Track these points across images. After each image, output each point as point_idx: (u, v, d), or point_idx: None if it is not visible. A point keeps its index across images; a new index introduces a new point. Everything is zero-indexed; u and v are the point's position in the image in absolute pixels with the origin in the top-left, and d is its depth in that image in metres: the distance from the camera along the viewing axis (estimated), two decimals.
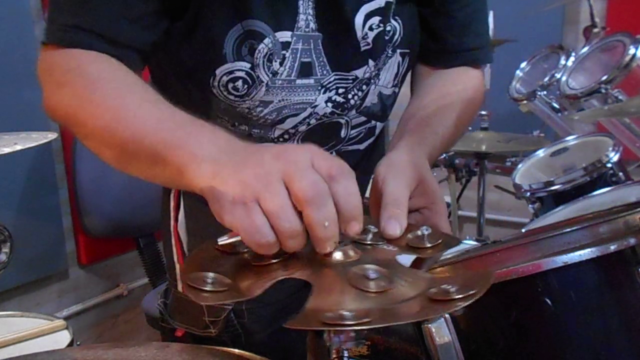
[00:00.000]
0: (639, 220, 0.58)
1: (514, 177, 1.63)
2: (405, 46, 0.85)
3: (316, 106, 0.81)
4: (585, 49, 1.64)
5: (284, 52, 0.76)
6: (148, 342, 0.60)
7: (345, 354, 0.51)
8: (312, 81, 0.79)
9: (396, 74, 0.86)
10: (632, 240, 0.57)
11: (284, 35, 0.76)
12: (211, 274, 0.50)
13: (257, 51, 0.74)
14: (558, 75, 1.68)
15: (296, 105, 0.80)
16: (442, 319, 0.50)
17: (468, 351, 0.53)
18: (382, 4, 0.79)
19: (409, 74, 0.91)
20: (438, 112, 0.83)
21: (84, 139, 0.70)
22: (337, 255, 0.52)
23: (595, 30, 1.71)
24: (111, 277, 2.05)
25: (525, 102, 1.83)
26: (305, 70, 0.78)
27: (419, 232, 0.61)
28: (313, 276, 0.50)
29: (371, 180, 0.72)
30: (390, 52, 0.83)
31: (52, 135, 1.16)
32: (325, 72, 0.80)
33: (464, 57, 0.89)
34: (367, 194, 0.72)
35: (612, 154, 1.41)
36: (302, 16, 0.76)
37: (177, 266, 0.96)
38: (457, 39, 0.87)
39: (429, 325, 0.49)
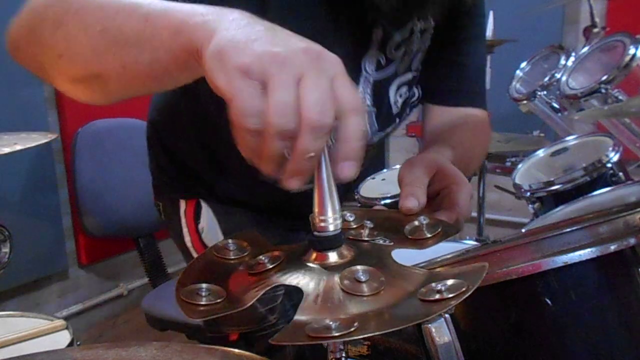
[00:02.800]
0: (639, 220, 0.58)
1: (514, 177, 1.63)
2: (418, 97, 1.03)
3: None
4: (585, 49, 1.64)
5: None
6: (148, 342, 0.60)
7: (344, 354, 0.51)
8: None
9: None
10: (632, 240, 0.57)
11: None
12: (205, 285, 0.50)
13: None
14: (558, 75, 1.68)
15: None
16: (442, 319, 0.50)
17: (468, 351, 0.53)
18: (410, 77, 0.97)
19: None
20: (450, 132, 0.95)
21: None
22: (332, 257, 0.51)
23: (595, 30, 1.71)
24: (111, 277, 2.05)
25: (525, 102, 1.83)
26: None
27: (417, 223, 0.61)
28: (304, 282, 0.49)
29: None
30: (408, 110, 1.02)
31: (52, 135, 1.16)
32: (370, 135, 0.97)
33: (473, 98, 1.04)
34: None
35: (612, 154, 1.41)
36: (359, 95, 0.89)
37: None
38: (468, 84, 1.04)
39: (429, 325, 0.49)
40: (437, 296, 0.44)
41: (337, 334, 0.41)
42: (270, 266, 0.53)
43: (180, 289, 0.50)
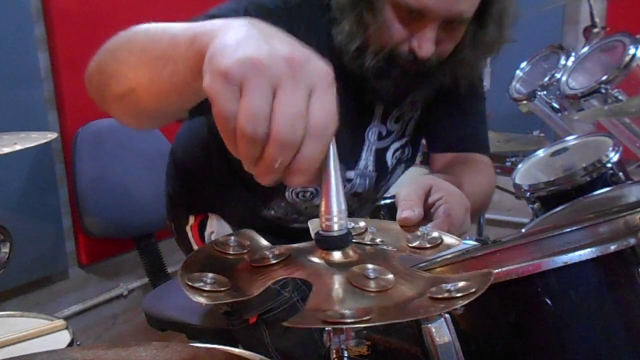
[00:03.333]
0: (639, 220, 0.58)
1: (514, 177, 1.63)
2: (411, 159, 1.19)
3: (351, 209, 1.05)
4: (585, 49, 1.64)
5: (345, 184, 1.06)
6: (148, 342, 0.60)
7: (345, 354, 0.51)
8: (356, 198, 1.12)
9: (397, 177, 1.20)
10: (632, 240, 0.57)
11: (350, 174, 1.08)
12: (210, 274, 0.50)
13: None
14: (558, 75, 1.68)
15: None
16: (442, 319, 0.50)
17: (468, 351, 0.53)
18: (404, 142, 1.13)
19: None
20: (459, 171, 1.03)
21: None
22: (337, 256, 0.51)
23: (595, 30, 1.71)
24: (111, 277, 2.04)
25: (525, 102, 1.83)
26: (355, 195, 1.10)
27: (418, 233, 0.61)
28: (313, 276, 0.50)
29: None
30: (401, 167, 1.17)
31: (52, 135, 1.15)
32: (368, 194, 1.13)
33: (477, 145, 1.15)
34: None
35: (612, 154, 1.41)
36: (363, 161, 1.07)
37: None
38: (472, 132, 1.15)
39: (429, 325, 0.49)
40: (446, 295, 0.44)
41: (351, 321, 0.41)
42: (275, 261, 0.53)
43: (185, 275, 0.50)
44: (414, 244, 0.61)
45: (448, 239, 0.62)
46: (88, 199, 1.77)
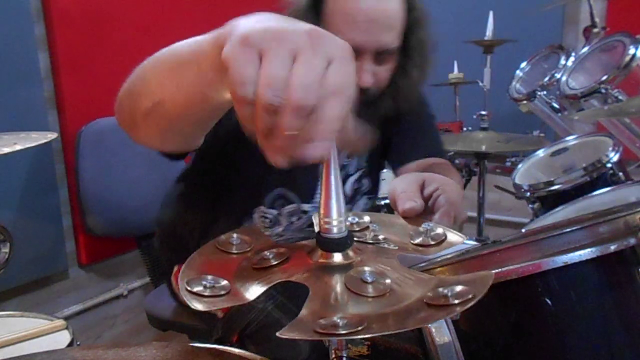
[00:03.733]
0: (639, 220, 0.58)
1: (514, 177, 1.63)
2: (372, 191, 1.31)
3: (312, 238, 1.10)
4: (585, 49, 1.63)
5: (301, 215, 1.16)
6: (148, 342, 0.60)
7: (344, 354, 0.51)
8: (314, 228, 1.07)
9: (363, 209, 1.30)
10: (632, 240, 0.57)
11: (306, 206, 1.18)
12: (210, 277, 0.50)
13: (284, 208, 1.17)
14: (558, 75, 1.67)
15: (301, 238, 1.14)
16: (442, 319, 0.49)
17: (468, 351, 0.53)
18: (359, 174, 1.26)
19: None
20: (430, 169, 1.09)
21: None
22: (337, 257, 0.51)
23: (595, 30, 1.70)
24: (111, 277, 2.04)
25: (525, 102, 1.83)
26: (312, 224, 1.09)
27: (421, 229, 0.61)
28: (311, 280, 0.49)
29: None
30: (359, 196, 1.28)
31: (52, 135, 1.15)
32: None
33: (438, 152, 1.29)
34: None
35: (612, 154, 1.41)
36: (318, 195, 1.15)
37: None
38: (431, 142, 1.32)
39: (429, 325, 0.49)
40: (443, 301, 0.44)
41: (344, 332, 0.41)
42: (275, 262, 0.53)
43: (184, 279, 0.49)
44: (417, 241, 0.60)
45: (452, 235, 0.62)
46: (90, 198, 1.77)
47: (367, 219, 0.63)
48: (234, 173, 1.19)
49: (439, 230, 0.61)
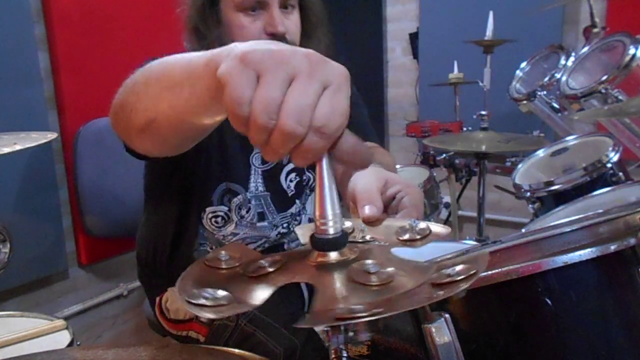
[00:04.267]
0: (639, 220, 0.58)
1: (514, 177, 1.63)
2: None
3: (269, 237, 1.24)
4: (585, 49, 1.63)
5: (248, 204, 1.20)
6: (148, 342, 0.60)
7: (344, 354, 0.51)
8: (266, 223, 1.23)
9: None
10: (632, 240, 0.57)
11: (248, 194, 1.20)
12: (210, 290, 0.50)
13: (232, 202, 1.19)
14: (558, 75, 1.67)
15: (255, 237, 1.24)
16: (442, 319, 0.50)
17: (468, 351, 0.53)
18: (294, 167, 1.25)
19: None
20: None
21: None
22: (334, 255, 0.51)
23: (595, 30, 1.70)
24: (111, 277, 2.04)
25: (525, 102, 1.83)
26: (261, 216, 1.22)
27: (407, 226, 0.61)
28: (314, 278, 0.50)
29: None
30: (309, 190, 1.29)
31: (52, 135, 1.15)
32: (273, 215, 1.24)
33: (371, 137, 1.31)
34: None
35: (612, 154, 1.41)
36: (252, 184, 1.21)
37: None
38: (363, 129, 1.32)
39: (429, 325, 0.49)
40: (448, 279, 0.44)
41: (365, 314, 0.41)
42: (272, 269, 0.53)
43: (184, 294, 0.49)
44: (405, 237, 0.61)
45: (436, 228, 0.62)
46: (89, 198, 1.77)
47: (349, 224, 0.64)
48: (178, 176, 1.20)
49: (423, 225, 0.62)
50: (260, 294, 0.49)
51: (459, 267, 0.45)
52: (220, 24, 1.13)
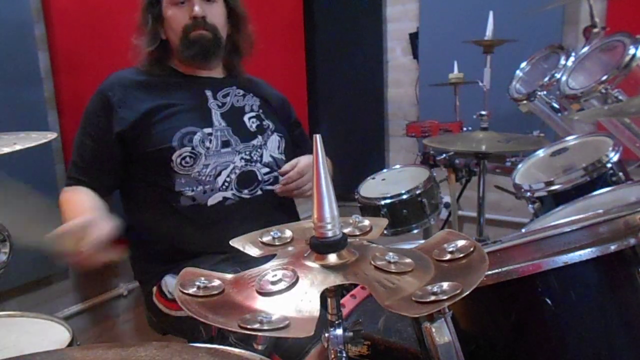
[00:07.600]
0: (639, 220, 0.58)
1: (514, 177, 1.63)
2: (280, 132, 1.64)
3: (235, 163, 1.50)
4: (585, 49, 1.63)
5: (210, 137, 1.48)
6: (148, 342, 0.60)
7: (344, 354, 0.51)
8: (230, 149, 1.51)
9: (278, 146, 1.62)
10: (632, 240, 0.57)
11: (208, 130, 1.49)
12: (262, 313, 0.50)
13: (193, 140, 1.45)
14: (558, 75, 1.67)
15: (224, 163, 1.48)
16: (442, 319, 0.50)
17: (468, 351, 0.53)
18: (254, 114, 1.61)
19: None
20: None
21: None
22: (332, 258, 0.52)
23: (595, 30, 1.70)
24: (111, 277, 2.04)
25: (525, 102, 1.83)
26: (225, 144, 1.50)
27: (350, 221, 0.63)
28: (357, 278, 0.50)
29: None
30: (269, 132, 1.61)
31: (52, 135, 1.15)
32: (237, 143, 1.52)
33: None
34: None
35: (612, 154, 1.41)
36: (215, 121, 1.52)
37: None
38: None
39: (429, 325, 0.49)
40: (433, 298, 0.45)
41: (446, 297, 0.43)
42: (283, 287, 0.52)
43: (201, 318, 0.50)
44: (347, 230, 0.61)
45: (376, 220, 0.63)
46: None
47: (288, 233, 0.64)
48: (143, 140, 1.44)
49: (366, 222, 0.63)
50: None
51: (461, 243, 0.47)
52: (161, 18, 1.51)
